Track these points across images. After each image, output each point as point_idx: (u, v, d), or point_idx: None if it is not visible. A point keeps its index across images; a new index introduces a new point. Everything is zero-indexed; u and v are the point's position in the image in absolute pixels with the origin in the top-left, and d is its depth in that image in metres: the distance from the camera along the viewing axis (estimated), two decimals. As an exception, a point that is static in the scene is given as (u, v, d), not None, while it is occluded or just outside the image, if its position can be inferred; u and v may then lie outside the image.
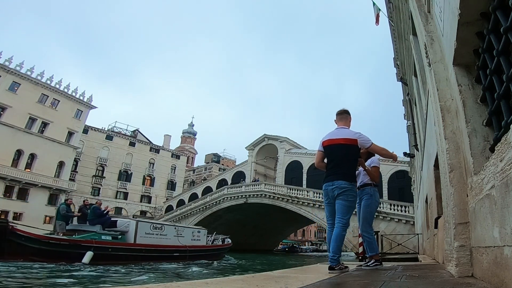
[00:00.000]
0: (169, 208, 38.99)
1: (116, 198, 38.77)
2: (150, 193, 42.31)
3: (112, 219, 11.49)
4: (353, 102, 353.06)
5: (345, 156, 2.99)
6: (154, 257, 11.28)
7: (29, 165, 29.58)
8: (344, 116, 3.20)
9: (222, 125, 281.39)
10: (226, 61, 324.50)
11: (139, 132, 45.48)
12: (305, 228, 59.39)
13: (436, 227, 4.11)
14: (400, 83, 9.44)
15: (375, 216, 18.64)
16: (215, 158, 61.58)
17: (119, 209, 38.03)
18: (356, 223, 3.69)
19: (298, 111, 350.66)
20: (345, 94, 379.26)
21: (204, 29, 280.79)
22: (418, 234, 11.49)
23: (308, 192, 24.61)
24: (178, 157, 47.84)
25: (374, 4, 9.97)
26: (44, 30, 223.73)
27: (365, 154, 3.59)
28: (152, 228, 12.05)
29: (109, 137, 40.01)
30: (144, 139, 44.97)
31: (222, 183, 36.14)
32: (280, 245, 47.45)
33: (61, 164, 32.17)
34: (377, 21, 9.98)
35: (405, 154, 12.49)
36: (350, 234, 16.46)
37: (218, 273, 9.53)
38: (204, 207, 30.90)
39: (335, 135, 3.07)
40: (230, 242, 16.55)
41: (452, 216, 2.07)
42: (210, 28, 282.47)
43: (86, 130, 36.69)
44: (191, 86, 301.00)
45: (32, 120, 29.87)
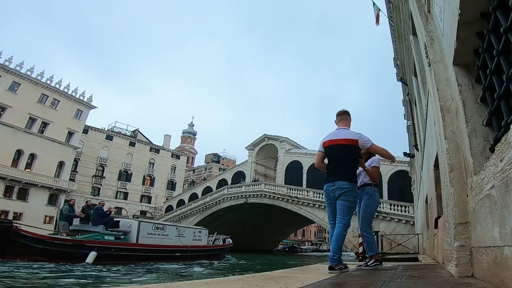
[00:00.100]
0: (169, 208, 38.99)
1: (116, 198, 38.79)
2: (150, 193, 42.32)
3: (115, 220, 11.55)
4: (353, 102, 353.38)
5: (346, 157, 3.00)
6: (156, 257, 11.32)
7: (29, 165, 29.59)
8: (344, 117, 3.21)
9: (222, 125, 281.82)
10: (226, 61, 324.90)
11: (139, 132, 45.49)
12: (305, 228, 59.41)
13: (436, 227, 4.11)
14: (400, 83, 9.44)
15: (375, 216, 18.62)
16: (215, 158, 61.59)
17: (119, 209, 38.03)
18: (357, 223, 3.69)
19: (298, 111, 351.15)
20: (345, 94, 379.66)
21: (204, 29, 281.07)
22: (418, 234, 11.48)
23: (308, 192, 24.62)
24: (178, 157, 47.85)
25: (374, 4, 9.96)
26: (44, 30, 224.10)
27: (366, 154, 3.61)
28: (154, 228, 12.10)
29: (109, 137, 40.03)
30: (144, 139, 44.98)
31: (222, 183, 36.13)
32: (280, 245, 47.43)
33: (61, 164, 32.18)
34: (377, 21, 9.97)
35: (405, 154, 12.48)
36: (350, 234, 16.45)
37: (219, 273, 9.53)
38: (204, 207, 30.90)
39: (336, 136, 3.08)
40: (231, 242, 16.59)
41: (452, 216, 2.07)
42: (210, 28, 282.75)
43: (86, 130, 36.71)
44: (191, 86, 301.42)
45: (32, 120, 29.88)
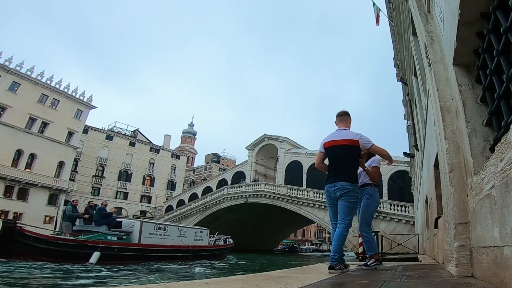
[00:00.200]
0: (169, 208, 38.99)
1: (116, 198, 38.78)
2: (150, 193, 42.31)
3: (117, 220, 11.61)
4: (353, 102, 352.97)
5: (347, 157, 3.01)
6: (158, 257, 11.40)
7: (29, 165, 29.59)
8: (345, 118, 3.23)
9: (222, 125, 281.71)
10: (226, 61, 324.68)
11: (139, 132, 45.49)
12: (305, 228, 59.41)
13: (436, 227, 4.11)
14: (400, 83, 9.44)
15: (375, 216, 18.61)
16: (215, 158, 61.59)
17: (119, 209, 38.01)
18: (357, 224, 3.70)
19: (298, 111, 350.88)
20: (345, 94, 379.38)
21: (204, 29, 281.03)
22: (418, 234, 11.48)
23: (308, 192, 24.62)
24: (178, 157, 47.84)
25: (374, 4, 9.96)
26: (44, 30, 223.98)
27: (366, 155, 3.62)
28: (156, 229, 12.17)
29: (109, 137, 40.02)
30: (144, 139, 44.98)
31: (222, 183, 36.13)
32: (280, 245, 47.43)
33: (61, 164, 32.18)
34: (377, 22, 9.96)
35: (405, 154, 12.48)
36: (350, 234, 16.24)
37: (220, 273, 9.54)
38: (204, 207, 30.90)
39: (337, 137, 3.09)
40: (232, 242, 16.67)
41: (452, 216, 2.07)
42: (210, 28, 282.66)
43: (86, 130, 36.70)
44: (191, 86, 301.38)
45: (32, 120, 29.87)
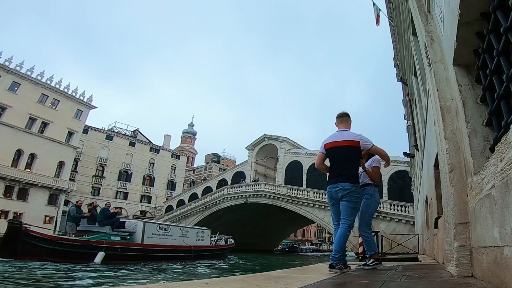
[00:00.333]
0: (169, 208, 38.97)
1: (116, 198, 38.76)
2: (150, 193, 42.30)
3: (121, 220, 11.73)
4: (354, 102, 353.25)
5: (348, 158, 3.03)
6: (161, 257, 11.51)
7: (29, 165, 29.58)
8: (345, 119, 3.26)
9: (222, 125, 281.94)
10: (227, 61, 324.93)
11: (139, 132, 45.48)
12: (305, 228, 59.41)
13: (436, 227, 4.10)
14: (400, 83, 9.44)
15: (375, 216, 18.58)
16: (215, 158, 61.58)
17: (119, 209, 38.08)
18: (357, 223, 3.71)
19: (299, 111, 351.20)
20: (346, 94, 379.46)
21: (204, 29, 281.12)
22: (418, 234, 11.48)
23: (308, 192, 24.60)
24: (178, 157, 47.82)
25: (374, 4, 9.96)
26: (44, 30, 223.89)
27: (366, 155, 3.63)
28: (159, 229, 12.28)
29: (109, 137, 40.00)
30: (144, 139, 44.96)
31: (222, 183, 36.12)
32: (280, 245, 47.41)
33: (61, 164, 32.17)
34: (378, 22, 9.96)
35: (405, 154, 12.47)
36: (350, 234, 16.43)
37: (222, 273, 9.58)
38: (204, 207, 30.89)
39: (337, 138, 3.11)
40: (233, 242, 16.78)
41: (452, 216, 2.07)
42: (211, 28, 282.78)
43: (86, 130, 36.69)
44: (191, 86, 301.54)
45: (32, 120, 29.86)
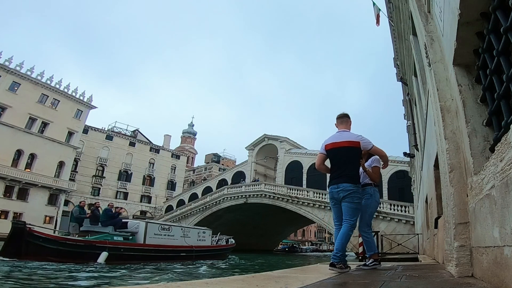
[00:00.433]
0: (169, 208, 38.96)
1: (116, 198, 38.77)
2: (150, 193, 42.32)
3: (123, 221, 11.82)
4: (354, 103, 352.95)
5: (349, 159, 3.04)
6: (162, 257, 11.59)
7: (29, 165, 29.60)
8: (345, 120, 3.27)
9: (222, 125, 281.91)
10: (227, 61, 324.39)
11: (139, 132, 45.49)
12: (305, 228, 59.41)
13: (436, 227, 4.11)
14: (400, 83, 9.44)
15: (375, 216, 18.55)
16: (215, 158, 61.59)
17: (122, 210, 38.09)
18: (357, 223, 3.71)
19: (299, 111, 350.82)
20: (346, 94, 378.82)
21: (205, 29, 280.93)
22: (418, 234, 11.49)
23: (308, 192, 24.60)
24: (178, 157, 47.84)
25: (374, 4, 9.97)
26: (44, 30, 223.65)
27: (366, 155, 3.63)
28: (160, 229, 12.37)
29: (109, 137, 40.03)
30: (144, 139, 44.98)
31: (222, 183, 36.11)
32: (280, 245, 47.39)
33: (61, 164, 32.19)
34: (378, 22, 9.97)
35: (405, 154, 12.48)
36: (350, 234, 16.44)
37: (223, 273, 9.60)
38: (204, 207, 30.89)
39: (338, 139, 3.12)
40: (234, 243, 16.83)
41: (452, 216, 2.07)
42: (211, 27, 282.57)
43: (86, 130, 36.71)
44: (191, 86, 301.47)
45: (32, 120, 29.88)
